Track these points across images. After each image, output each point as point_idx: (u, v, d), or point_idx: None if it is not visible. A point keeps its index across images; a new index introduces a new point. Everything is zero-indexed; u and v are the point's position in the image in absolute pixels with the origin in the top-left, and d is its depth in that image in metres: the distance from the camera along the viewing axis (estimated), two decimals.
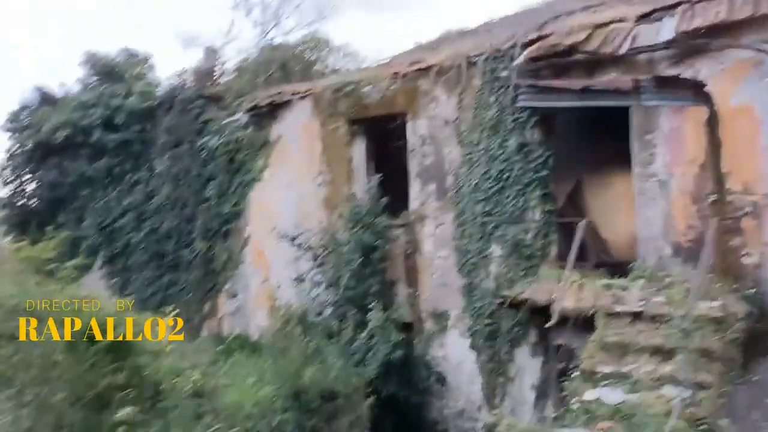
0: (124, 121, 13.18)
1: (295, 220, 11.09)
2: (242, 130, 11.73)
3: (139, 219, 13.37)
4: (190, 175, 12.43)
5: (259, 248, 11.76)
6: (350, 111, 10.47)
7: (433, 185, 9.50)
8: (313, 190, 10.93)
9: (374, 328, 8.28)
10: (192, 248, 12.51)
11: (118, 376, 5.40)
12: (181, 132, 12.54)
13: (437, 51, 10.51)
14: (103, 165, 13.82)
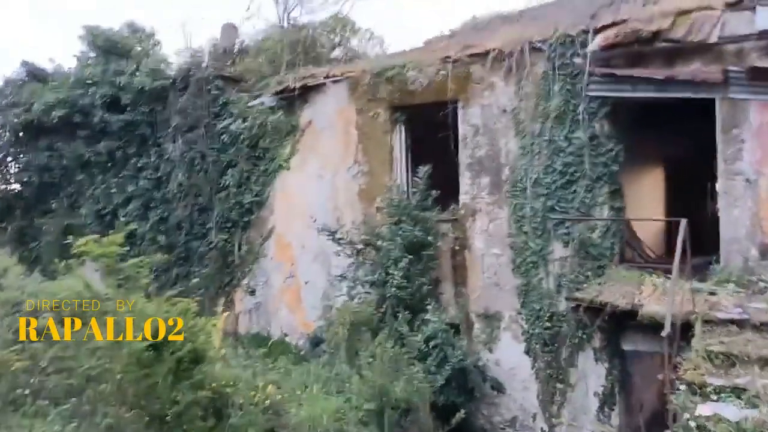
0: (131, 100, 12.18)
1: (327, 213, 10.39)
2: (267, 114, 10.92)
3: (146, 207, 12.41)
4: (206, 161, 11.55)
5: (283, 241, 11.00)
6: (392, 97, 9.80)
7: (486, 178, 8.93)
8: (348, 180, 10.24)
9: (436, 332, 7.66)
10: (206, 240, 11.65)
11: (198, 392, 4.65)
12: (196, 114, 11.63)
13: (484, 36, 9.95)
14: (104, 148, 12.80)
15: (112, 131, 12.63)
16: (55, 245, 13.90)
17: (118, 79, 12.39)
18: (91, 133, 13.11)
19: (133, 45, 12.96)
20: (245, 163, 11.19)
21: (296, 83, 10.56)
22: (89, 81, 12.69)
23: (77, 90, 12.99)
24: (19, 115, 13.85)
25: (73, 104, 13.00)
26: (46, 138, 13.85)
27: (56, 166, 13.80)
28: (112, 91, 12.40)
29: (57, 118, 13.05)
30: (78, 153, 13.20)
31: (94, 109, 12.75)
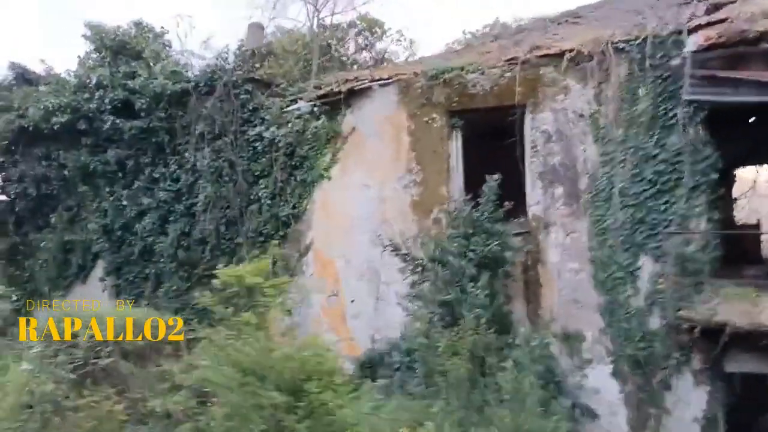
0: (146, 105, 11.15)
1: (373, 226, 9.63)
2: (305, 121, 10.09)
3: (164, 221, 11.37)
4: (235, 170, 10.62)
5: (324, 257, 10.16)
6: (450, 101, 9.13)
7: (561, 188, 8.34)
8: (399, 191, 9.50)
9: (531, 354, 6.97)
10: (236, 256, 10.69)
11: None
12: (223, 120, 10.70)
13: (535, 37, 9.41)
14: (113, 157, 11.72)
15: (122, 139, 11.57)
16: (54, 263, 12.76)
17: (129, 81, 11.36)
18: (96, 141, 12.02)
19: (144, 45, 11.94)
20: (280, 173, 10.31)
21: (339, 87, 9.77)
22: (98, 84, 11.61)
23: (81, 94, 11.89)
24: (11, 121, 12.63)
25: (76, 109, 11.91)
26: (42, 146, 12.69)
27: (55, 176, 12.63)
28: (124, 94, 11.35)
29: (58, 125, 11.92)
30: (82, 162, 12.08)
31: (102, 115, 11.68)
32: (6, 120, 12.67)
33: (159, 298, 11.40)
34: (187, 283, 11.19)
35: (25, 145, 12.76)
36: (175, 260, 11.15)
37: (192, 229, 11.06)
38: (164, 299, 11.13)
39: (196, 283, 11.12)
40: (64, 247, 12.72)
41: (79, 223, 12.58)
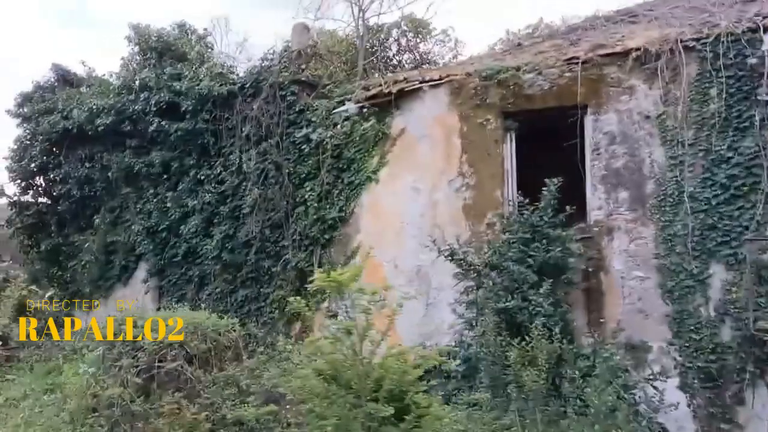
0: (192, 107, 11.09)
1: (423, 230, 9.41)
2: (353, 122, 9.93)
3: (209, 223, 11.30)
4: (281, 173, 10.50)
5: (372, 261, 9.93)
6: (505, 102, 8.88)
7: (625, 192, 8.03)
8: (450, 194, 9.27)
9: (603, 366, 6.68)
10: (281, 259, 10.57)
11: None
12: (269, 122, 10.59)
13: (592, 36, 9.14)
14: (157, 159, 11.69)
15: (167, 141, 11.54)
16: (96, 265, 12.78)
17: (175, 83, 11.33)
18: (140, 143, 12.03)
19: (188, 47, 11.92)
20: (327, 175, 10.16)
21: (389, 88, 9.59)
22: (143, 86, 11.61)
23: (126, 95, 11.91)
24: (55, 122, 12.72)
25: (120, 111, 11.94)
26: (86, 147, 12.78)
27: (98, 178, 12.68)
28: (169, 96, 11.32)
29: (102, 126, 11.95)
30: (125, 164, 12.10)
31: (146, 117, 11.67)
32: (50, 121, 12.78)
33: (202, 300, 11.34)
34: (231, 285, 11.10)
35: (68, 146, 12.86)
36: (220, 262, 11.06)
37: (237, 232, 10.96)
38: (209, 301, 11.05)
39: (241, 285, 11.06)
40: (106, 249, 12.76)
41: (122, 224, 12.61)
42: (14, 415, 6.46)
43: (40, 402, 6.62)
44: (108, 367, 6.16)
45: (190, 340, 6.12)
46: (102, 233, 12.67)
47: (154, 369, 5.94)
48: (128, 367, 5.95)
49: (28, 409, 6.57)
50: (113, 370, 6.04)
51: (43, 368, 8.78)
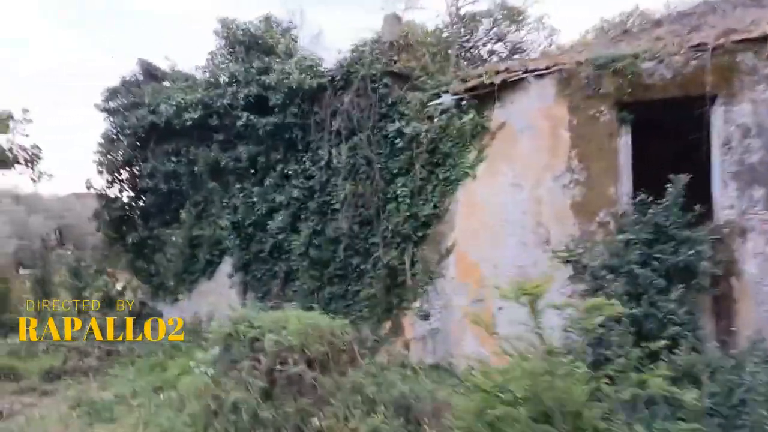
0: (280, 101, 10.93)
1: (526, 229, 8.94)
2: (450, 116, 9.53)
3: (296, 218, 11.15)
4: (372, 168, 10.21)
5: (468, 260, 9.58)
6: (620, 92, 8.29)
7: (761, 190, 7.36)
8: (556, 191, 8.76)
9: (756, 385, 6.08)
10: (371, 256, 10.30)
11: None
12: (360, 116, 10.32)
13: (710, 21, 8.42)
14: (244, 153, 11.60)
15: (254, 135, 11.43)
16: (180, 258, 12.84)
17: (263, 77, 11.19)
18: (226, 137, 11.97)
19: (276, 40, 11.76)
20: (421, 170, 9.81)
21: (490, 78, 9.14)
22: (232, 80, 11.53)
23: (213, 90, 11.86)
24: (142, 117, 12.81)
25: (207, 105, 11.89)
26: (173, 142, 12.81)
27: (184, 172, 12.70)
28: (257, 90, 11.19)
29: (190, 121, 11.94)
30: (212, 159, 12.06)
31: (233, 111, 11.58)
32: (137, 116, 12.88)
33: (287, 296, 11.21)
34: (318, 282, 10.92)
35: (156, 141, 12.93)
36: (307, 259, 10.89)
37: (325, 228, 10.77)
38: (298, 297, 10.89)
39: (328, 282, 10.86)
40: (191, 243, 12.81)
41: (207, 219, 12.63)
42: (128, 414, 6.39)
43: (154, 401, 6.53)
44: (227, 368, 5.98)
45: (310, 342, 5.87)
46: (187, 227, 12.73)
47: (276, 372, 5.71)
48: (249, 370, 5.76)
49: (142, 407, 6.49)
50: (233, 372, 5.86)
51: (145, 364, 8.79)
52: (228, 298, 12.31)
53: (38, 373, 8.43)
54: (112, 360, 9.34)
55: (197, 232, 12.64)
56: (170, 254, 12.94)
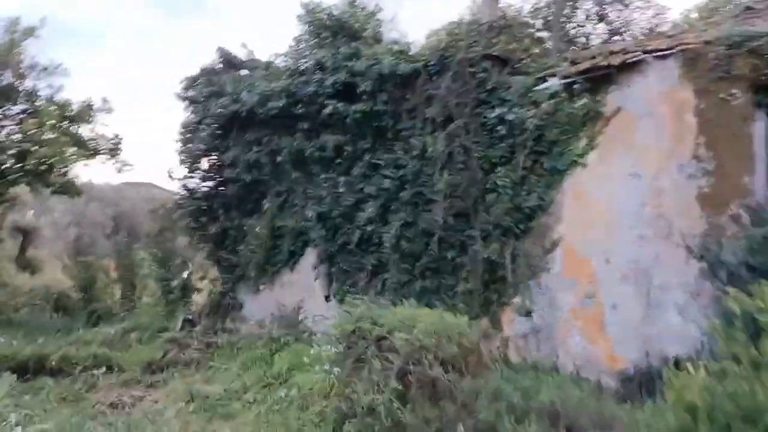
0: (369, 88, 10.57)
1: (644, 221, 8.31)
2: (557, 101, 8.96)
3: (385, 210, 10.79)
4: (470, 157, 9.74)
5: (576, 255, 9.01)
6: (756, 74, 7.56)
7: None
8: (681, 181, 8.08)
9: None
10: (468, 250, 9.86)
11: None
12: (456, 102, 9.84)
13: None
14: (330, 142, 11.31)
15: (341, 123, 11.12)
16: (262, 249, 12.70)
17: (351, 63, 10.84)
18: (311, 126, 11.70)
19: (364, 24, 11.39)
20: (524, 159, 9.28)
21: (606, 60, 8.51)
22: (318, 67, 11.24)
23: (299, 77, 11.59)
24: (224, 106, 12.68)
25: (292, 94, 11.63)
26: (255, 131, 12.63)
27: (266, 162, 12.52)
28: (346, 77, 10.85)
29: (275, 110, 11.71)
30: (296, 148, 11.82)
31: (319, 99, 11.29)
32: (219, 105, 12.77)
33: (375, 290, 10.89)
34: (409, 275, 10.54)
35: (237, 130, 12.80)
36: (398, 251, 10.53)
37: (417, 219, 10.37)
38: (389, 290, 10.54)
39: (419, 276, 10.47)
40: (273, 233, 12.65)
41: (289, 209, 12.44)
42: (244, 410, 6.17)
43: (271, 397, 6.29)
44: (353, 368, 5.67)
45: (444, 342, 5.49)
46: (269, 218, 12.57)
47: (410, 373, 5.35)
48: (380, 371, 5.42)
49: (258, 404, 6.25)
50: (362, 372, 5.53)
51: (247, 357, 8.62)
52: (311, 291, 12.15)
53: (138, 365, 8.37)
54: (212, 352, 9.24)
55: (280, 222, 12.46)
56: (252, 245, 12.81)
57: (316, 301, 12.02)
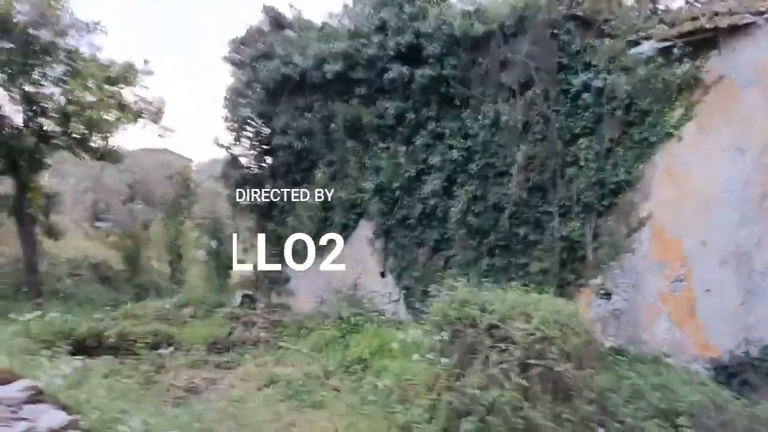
0: (438, 51, 9.84)
1: (747, 201, 7.66)
2: (652, 67, 8.21)
3: (450, 182, 10.17)
4: (549, 126, 9.05)
5: (666, 235, 8.37)
6: None
7: None
8: None
9: None
10: (543, 226, 9.26)
11: None
12: (535, 67, 9.11)
13: None
14: (391, 109, 10.64)
15: (404, 89, 10.43)
16: (313, 222, 12.14)
17: (417, 24, 10.09)
18: (369, 92, 11.03)
19: None
20: (610, 130, 8.58)
21: (712, 22, 7.72)
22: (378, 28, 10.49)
23: (357, 39, 10.86)
24: (274, 69, 11.98)
25: (350, 56, 10.91)
26: (305, 96, 11.97)
27: (318, 129, 11.88)
28: (411, 39, 10.12)
29: (332, 74, 11.02)
30: (353, 115, 11.15)
31: (378, 63, 10.60)
32: (269, 68, 12.08)
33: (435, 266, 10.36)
34: (475, 252, 9.98)
35: (288, 95, 12.14)
36: (464, 226, 9.93)
37: (486, 193, 9.75)
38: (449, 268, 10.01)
39: (487, 253, 9.90)
40: (324, 205, 12.08)
41: (341, 179, 11.84)
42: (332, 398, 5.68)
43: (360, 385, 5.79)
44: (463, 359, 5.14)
45: (568, 333, 4.94)
46: (320, 188, 11.97)
47: (531, 367, 4.82)
48: (497, 363, 4.89)
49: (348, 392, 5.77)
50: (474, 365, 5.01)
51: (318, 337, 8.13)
52: (365, 266, 11.64)
53: (202, 343, 7.93)
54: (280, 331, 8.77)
55: (332, 194, 11.86)
56: (301, 216, 12.25)
57: (370, 277, 11.53)
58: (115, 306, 10.53)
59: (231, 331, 8.62)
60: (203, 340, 8.09)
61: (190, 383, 6.43)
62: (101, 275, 13.54)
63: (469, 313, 5.38)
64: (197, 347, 7.84)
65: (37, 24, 10.70)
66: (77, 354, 7.41)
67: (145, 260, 13.75)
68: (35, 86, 11.31)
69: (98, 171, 25.00)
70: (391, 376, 5.54)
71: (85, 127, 10.62)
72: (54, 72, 11.12)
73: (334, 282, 11.83)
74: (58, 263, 13.66)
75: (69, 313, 9.36)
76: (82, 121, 10.56)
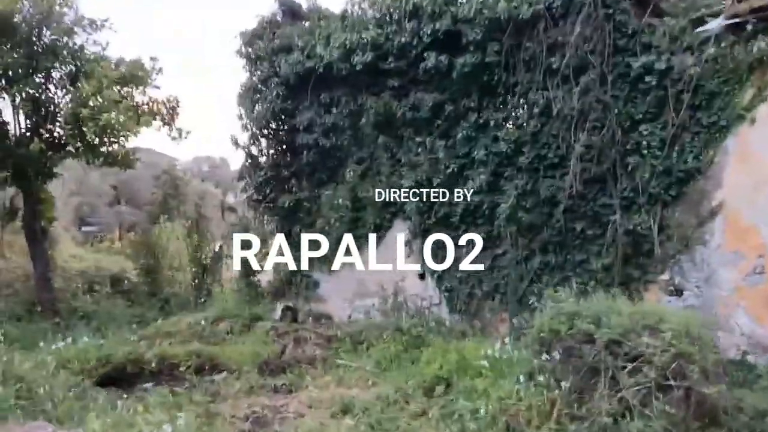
0: (479, 37, 9.19)
1: None
2: (718, 47, 7.64)
3: (497, 176, 9.57)
4: (606, 114, 8.47)
5: (742, 224, 7.85)
6: None
7: None
8: None
9: None
10: (601, 220, 8.70)
11: None
12: (589, 50, 8.51)
13: None
14: (427, 101, 10.00)
15: (438, 79, 9.80)
16: (342, 223, 11.47)
17: (454, 8, 9.43)
18: (401, 83, 10.36)
19: None
20: (676, 115, 8.01)
21: None
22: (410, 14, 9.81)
23: (388, 27, 10.18)
24: (295, 62, 11.26)
25: (379, 46, 10.24)
26: (329, 90, 11.28)
27: (346, 125, 11.21)
28: (449, 24, 9.46)
29: (361, 65, 10.33)
30: (384, 108, 10.48)
31: (413, 51, 9.94)
32: (289, 61, 11.34)
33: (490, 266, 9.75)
34: (526, 250, 9.40)
35: (311, 90, 11.42)
36: (514, 223, 9.33)
37: (537, 187, 9.15)
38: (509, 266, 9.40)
39: (540, 251, 9.34)
40: (354, 205, 11.41)
41: (373, 177, 11.17)
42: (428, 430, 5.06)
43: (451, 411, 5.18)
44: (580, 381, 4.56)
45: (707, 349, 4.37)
46: (349, 187, 11.31)
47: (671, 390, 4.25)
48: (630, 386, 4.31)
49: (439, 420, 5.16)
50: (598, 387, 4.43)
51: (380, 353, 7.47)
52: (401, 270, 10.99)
53: (250, 364, 7.27)
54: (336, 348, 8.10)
55: (362, 193, 11.21)
56: (330, 217, 11.57)
57: (408, 279, 10.91)
58: (141, 323, 9.83)
59: (283, 349, 7.97)
60: (251, 360, 7.42)
61: (252, 413, 5.79)
62: (119, 289, 12.78)
63: (581, 328, 4.78)
64: (246, 369, 7.18)
65: (43, 22, 9.89)
66: (118, 384, 6.78)
67: (163, 271, 13.02)
68: (40, 89, 10.51)
69: (82, 173, 23.99)
70: (491, 400, 4.93)
71: (99, 131, 9.84)
72: (60, 73, 10.32)
73: (370, 286, 11.22)
74: (71, 276, 12.87)
75: (95, 334, 8.67)
76: (96, 126, 9.77)
